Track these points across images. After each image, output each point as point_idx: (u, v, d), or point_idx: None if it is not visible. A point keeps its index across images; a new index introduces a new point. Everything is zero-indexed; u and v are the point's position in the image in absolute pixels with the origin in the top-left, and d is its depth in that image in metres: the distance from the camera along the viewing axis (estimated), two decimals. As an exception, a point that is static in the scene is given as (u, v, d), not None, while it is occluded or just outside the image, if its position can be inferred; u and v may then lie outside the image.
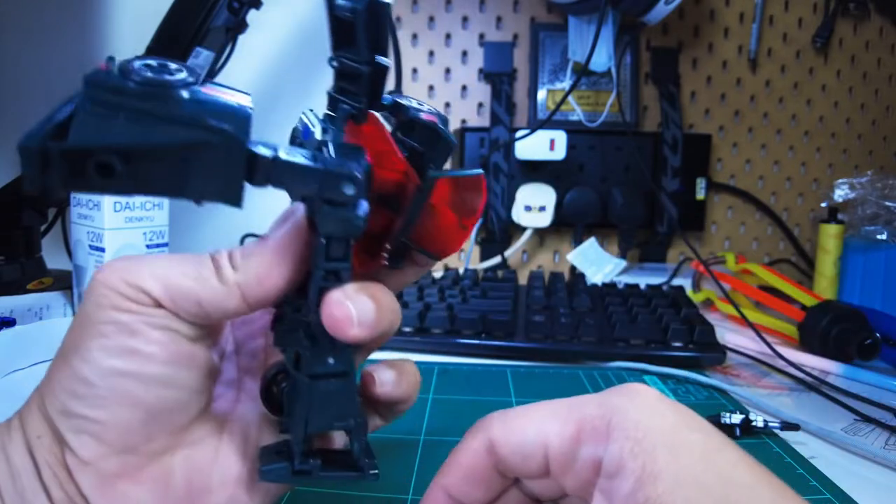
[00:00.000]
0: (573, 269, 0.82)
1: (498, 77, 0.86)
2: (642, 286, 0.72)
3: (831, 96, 0.91)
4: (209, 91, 0.19)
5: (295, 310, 0.24)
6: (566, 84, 0.85)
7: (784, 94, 0.90)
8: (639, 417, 0.19)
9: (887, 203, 0.70)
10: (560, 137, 0.80)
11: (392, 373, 0.26)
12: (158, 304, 0.22)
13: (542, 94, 0.87)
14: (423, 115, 0.24)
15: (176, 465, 0.24)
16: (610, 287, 0.72)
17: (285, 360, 0.24)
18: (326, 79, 0.24)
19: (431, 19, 0.88)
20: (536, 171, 0.84)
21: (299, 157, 0.20)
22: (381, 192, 0.23)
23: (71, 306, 0.63)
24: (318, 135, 0.22)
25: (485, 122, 0.88)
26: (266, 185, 0.20)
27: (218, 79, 0.70)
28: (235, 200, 0.20)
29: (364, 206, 0.21)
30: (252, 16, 0.69)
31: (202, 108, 0.19)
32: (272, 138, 0.20)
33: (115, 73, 0.18)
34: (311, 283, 0.23)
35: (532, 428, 0.21)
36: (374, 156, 0.23)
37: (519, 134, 0.80)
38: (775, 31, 0.89)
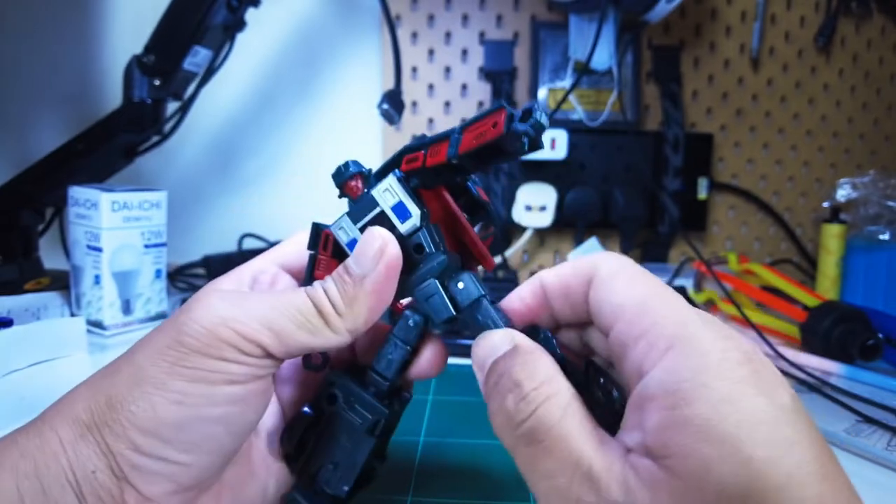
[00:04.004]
0: (574, 268, 0.82)
1: (498, 76, 0.86)
2: (643, 286, 0.71)
3: (833, 95, 0.90)
4: None
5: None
6: (567, 83, 0.85)
7: (786, 93, 0.90)
8: (703, 360, 0.18)
9: (890, 203, 0.69)
10: (561, 137, 0.79)
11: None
12: (267, 355, 0.23)
13: (542, 93, 0.87)
14: (480, 193, 0.28)
15: (223, 488, 0.25)
16: (611, 287, 0.72)
17: (354, 420, 0.26)
18: (325, 78, 0.24)
19: (431, 18, 0.88)
20: (537, 170, 0.84)
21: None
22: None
23: (68, 306, 0.63)
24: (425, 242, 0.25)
25: (485, 121, 0.88)
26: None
27: (216, 78, 0.70)
28: None
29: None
30: (251, 14, 0.68)
31: None
32: (268, 136, 0.19)
33: None
34: (393, 353, 0.26)
35: (617, 297, 0.21)
36: (446, 224, 0.26)
37: (519, 133, 0.79)
38: (777, 29, 0.89)
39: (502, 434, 0.21)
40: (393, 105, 0.74)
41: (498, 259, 0.84)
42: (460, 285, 0.25)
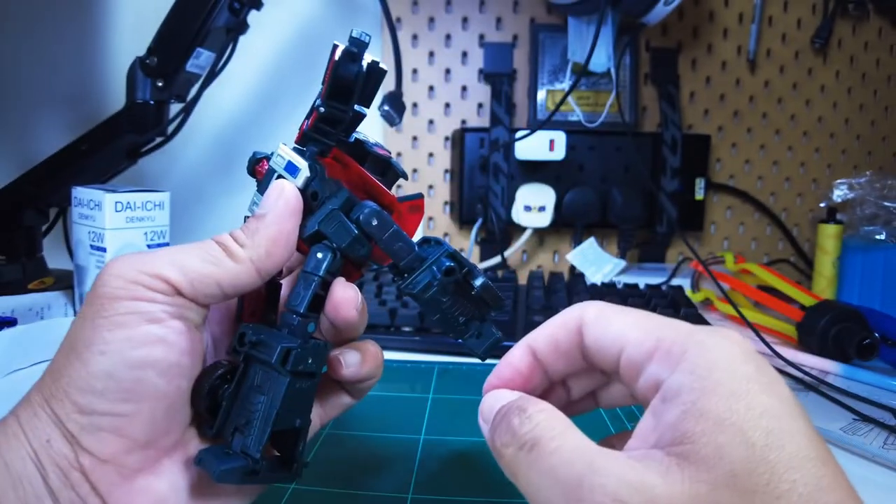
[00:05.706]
0: (573, 269, 0.83)
1: (498, 77, 0.86)
2: (641, 286, 0.72)
3: (830, 97, 0.91)
4: None
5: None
6: (566, 85, 0.85)
7: (783, 94, 0.90)
8: (715, 359, 0.19)
9: (886, 203, 0.70)
10: (560, 138, 0.80)
11: (357, 354, 0.28)
12: (177, 292, 0.23)
13: (541, 95, 0.87)
14: (379, 150, 0.29)
15: (191, 455, 0.24)
16: (609, 287, 0.72)
17: (264, 356, 0.25)
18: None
19: (431, 20, 0.88)
20: (536, 171, 0.84)
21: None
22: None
23: (72, 306, 0.63)
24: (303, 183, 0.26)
25: (485, 122, 0.88)
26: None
27: (219, 80, 0.71)
28: None
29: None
30: (252, 16, 0.69)
31: None
32: (270, 137, 0.21)
33: None
34: (303, 287, 0.26)
35: (615, 328, 0.22)
36: (355, 185, 0.28)
37: (519, 134, 0.80)
38: (774, 31, 0.89)
39: (504, 452, 0.21)
40: (394, 107, 0.74)
41: (497, 259, 0.84)
42: (361, 212, 0.26)
